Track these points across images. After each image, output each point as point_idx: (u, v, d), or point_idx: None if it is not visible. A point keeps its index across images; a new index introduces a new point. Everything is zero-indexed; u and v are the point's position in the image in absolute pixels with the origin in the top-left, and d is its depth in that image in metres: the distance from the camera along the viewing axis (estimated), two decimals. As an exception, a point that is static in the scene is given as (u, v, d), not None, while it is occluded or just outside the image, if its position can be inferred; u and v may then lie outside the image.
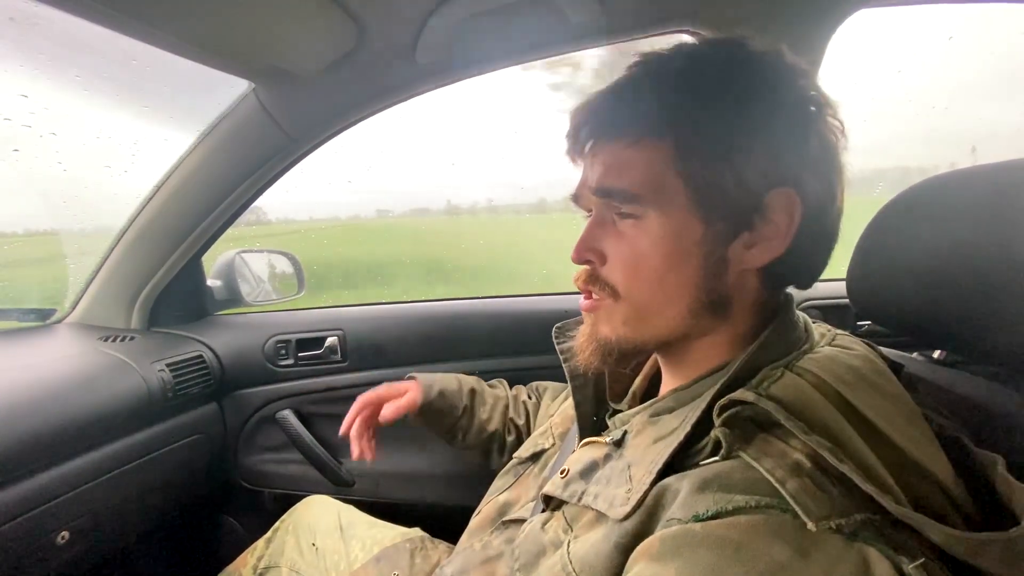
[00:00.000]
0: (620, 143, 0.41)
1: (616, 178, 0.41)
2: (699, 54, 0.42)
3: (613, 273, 0.43)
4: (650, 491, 0.36)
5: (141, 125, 1.03)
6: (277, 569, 0.81)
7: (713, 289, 0.41)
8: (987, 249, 0.42)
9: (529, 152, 17.09)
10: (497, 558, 0.52)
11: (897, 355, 0.57)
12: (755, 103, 0.39)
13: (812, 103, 0.40)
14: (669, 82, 0.40)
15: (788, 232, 0.39)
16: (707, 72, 0.40)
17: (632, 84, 0.42)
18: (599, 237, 0.44)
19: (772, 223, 0.39)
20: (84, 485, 0.76)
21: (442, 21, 0.72)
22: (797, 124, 0.39)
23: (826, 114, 0.40)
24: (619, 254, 0.43)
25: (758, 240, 0.40)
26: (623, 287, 0.43)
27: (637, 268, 0.42)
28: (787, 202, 0.39)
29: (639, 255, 0.41)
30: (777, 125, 0.39)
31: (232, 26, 0.66)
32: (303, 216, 12.77)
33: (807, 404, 0.34)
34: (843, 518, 0.30)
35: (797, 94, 0.40)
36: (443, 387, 0.78)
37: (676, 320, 0.42)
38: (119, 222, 0.97)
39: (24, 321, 1.06)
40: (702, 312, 0.42)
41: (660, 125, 0.40)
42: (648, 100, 0.41)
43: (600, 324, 0.45)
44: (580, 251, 0.44)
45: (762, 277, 0.42)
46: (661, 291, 0.42)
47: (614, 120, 0.42)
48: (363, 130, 0.92)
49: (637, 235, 0.41)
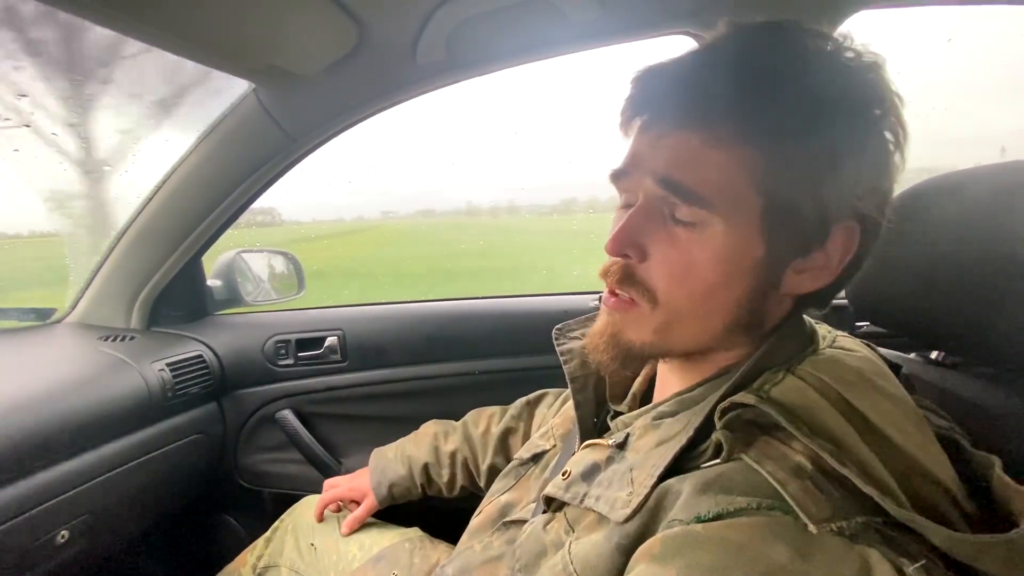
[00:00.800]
0: (695, 136, 0.37)
1: (688, 174, 0.37)
2: (790, 42, 0.37)
3: (654, 276, 0.39)
4: (651, 494, 0.36)
5: (141, 124, 1.03)
6: (276, 569, 0.81)
7: (756, 310, 0.39)
8: (986, 250, 0.42)
9: (527, 153, 17.12)
10: (498, 559, 0.52)
11: (895, 356, 0.57)
12: (860, 118, 0.36)
13: (900, 128, 0.36)
14: (763, 79, 0.36)
15: (839, 265, 0.38)
16: (805, 73, 0.35)
17: (714, 70, 0.37)
18: (647, 231, 0.39)
19: (827, 254, 0.38)
20: (84, 484, 0.75)
21: (442, 22, 0.72)
22: (882, 151, 0.36)
23: (901, 144, 0.37)
24: (667, 257, 0.38)
25: (809, 268, 0.38)
26: (664, 293, 0.39)
27: (686, 278, 0.38)
28: (849, 235, 0.37)
29: (691, 264, 0.37)
30: (868, 148, 0.36)
31: (233, 26, 0.66)
32: (305, 218, 12.83)
33: (808, 406, 0.34)
34: (844, 520, 0.30)
35: (884, 117, 0.36)
36: (392, 480, 0.82)
37: (708, 335, 0.40)
38: (119, 222, 0.97)
39: (24, 320, 1.06)
40: (737, 329, 0.40)
41: (750, 131, 0.36)
42: (735, 98, 0.36)
43: (627, 328, 0.41)
44: (620, 242, 0.39)
45: (798, 300, 0.41)
46: (703, 305, 0.39)
47: (693, 108, 0.37)
48: (364, 131, 0.92)
49: (694, 241, 0.37)
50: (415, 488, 0.82)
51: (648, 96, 0.39)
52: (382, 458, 0.85)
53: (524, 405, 0.82)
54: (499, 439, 0.80)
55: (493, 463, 0.78)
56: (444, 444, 0.83)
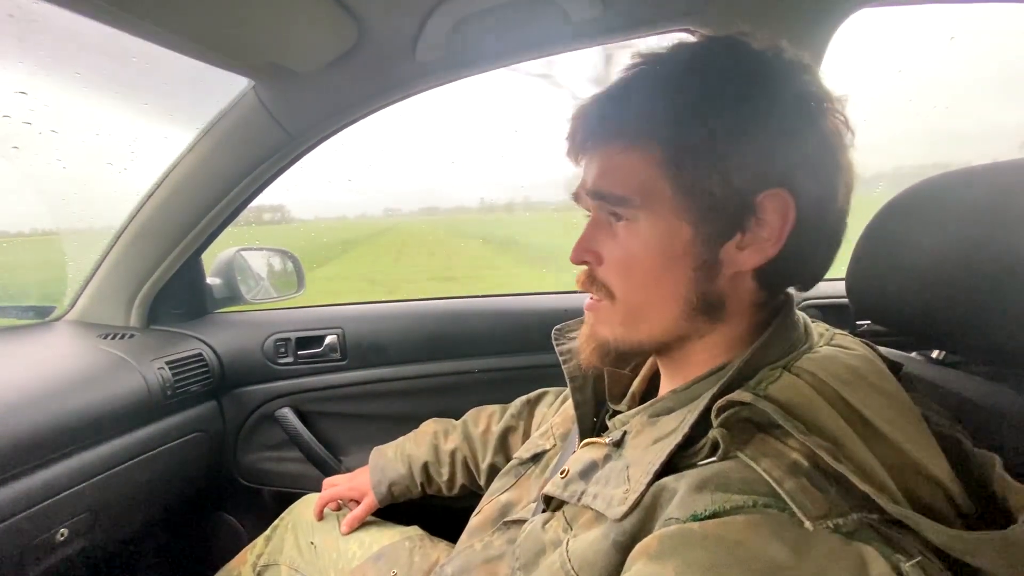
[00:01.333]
0: (612, 147, 0.42)
1: (608, 182, 0.42)
2: (694, 54, 0.42)
3: (608, 274, 0.44)
4: (647, 491, 0.36)
5: (141, 123, 1.03)
6: (276, 567, 0.82)
7: (705, 291, 0.41)
8: (987, 249, 0.42)
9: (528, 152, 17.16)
10: (498, 558, 0.52)
11: (896, 355, 0.57)
12: (746, 103, 0.38)
13: (812, 99, 0.39)
14: (660, 85, 0.40)
15: (781, 234, 0.39)
16: (699, 73, 0.40)
17: (625, 87, 0.42)
18: (596, 239, 0.44)
19: (765, 224, 0.39)
20: (83, 482, 0.76)
21: (442, 19, 0.72)
22: (792, 122, 0.38)
23: (827, 111, 0.39)
24: (613, 256, 0.43)
25: (751, 242, 0.39)
26: (618, 288, 0.43)
27: (630, 270, 0.42)
28: (780, 203, 0.38)
29: (631, 257, 0.42)
30: (769, 124, 0.38)
31: (232, 23, 0.66)
32: (308, 215, 12.85)
33: (805, 404, 0.34)
34: (840, 517, 0.30)
35: (795, 91, 0.39)
36: (392, 479, 0.82)
37: (669, 322, 0.42)
38: (118, 220, 0.97)
39: (23, 318, 1.06)
40: (695, 314, 0.42)
41: (648, 130, 0.40)
42: (638, 104, 0.41)
43: (599, 324, 0.46)
44: (578, 252, 0.45)
45: (758, 279, 0.42)
46: (654, 293, 0.42)
47: (606, 124, 0.42)
48: (366, 129, 0.92)
49: (629, 237, 0.42)
50: (415, 487, 0.82)
51: (578, 126, 0.44)
52: (382, 457, 0.85)
53: (524, 404, 0.82)
54: (499, 438, 0.80)
55: (493, 462, 0.78)
56: (444, 443, 0.83)
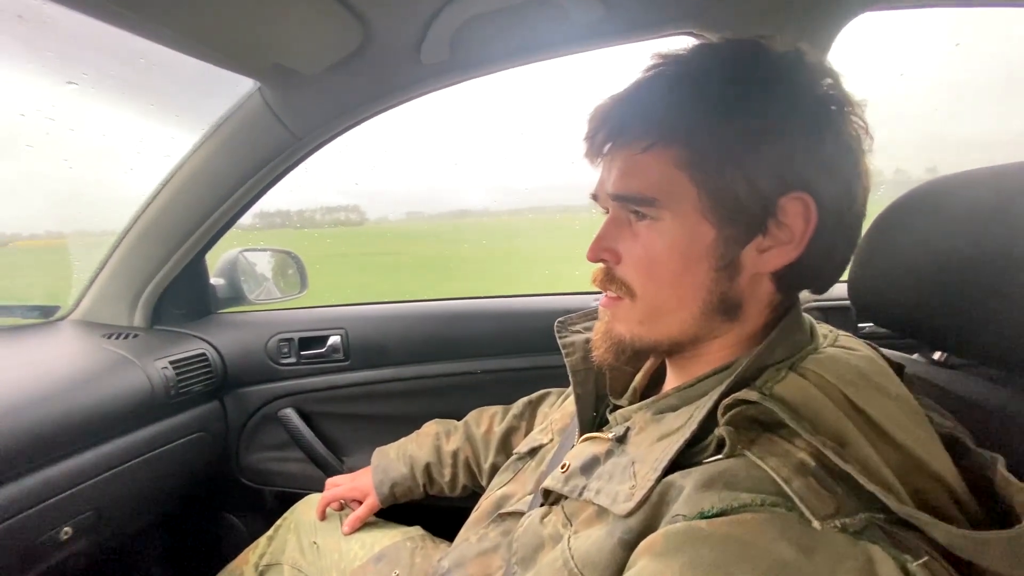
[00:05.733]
0: (634, 148, 0.41)
1: (631, 183, 0.41)
2: (714, 55, 0.42)
3: (628, 272, 0.44)
4: (655, 488, 0.36)
5: (147, 124, 1.04)
6: (278, 567, 0.82)
7: (725, 292, 0.41)
8: (989, 252, 0.42)
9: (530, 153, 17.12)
10: (493, 550, 0.52)
11: (898, 356, 0.57)
12: (768, 105, 0.38)
13: (832, 103, 0.39)
14: (682, 86, 0.40)
15: (803, 237, 0.39)
16: (720, 75, 0.40)
17: (646, 88, 0.42)
18: (615, 237, 0.44)
19: (787, 228, 0.39)
20: (87, 481, 0.76)
21: (447, 21, 0.73)
22: (813, 126, 0.38)
23: (847, 114, 0.39)
24: (634, 255, 0.43)
25: (772, 245, 0.40)
26: (639, 286, 0.43)
27: (651, 269, 0.42)
28: (802, 207, 0.38)
29: (653, 256, 0.42)
30: (792, 128, 0.38)
31: (238, 25, 0.66)
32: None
33: (811, 404, 0.34)
34: (848, 517, 0.30)
35: (815, 94, 0.39)
36: (394, 480, 0.82)
37: (688, 321, 0.42)
38: (123, 220, 0.97)
39: (27, 318, 1.06)
40: (713, 314, 0.42)
41: (671, 131, 0.40)
42: (660, 105, 0.41)
43: (616, 322, 0.46)
44: (595, 250, 0.45)
45: (776, 281, 0.42)
46: (674, 292, 0.42)
47: (628, 125, 0.42)
48: (368, 129, 0.93)
49: (651, 237, 0.42)
50: (417, 487, 0.83)
51: (597, 127, 0.43)
52: (384, 457, 0.85)
53: (526, 404, 0.82)
54: (501, 438, 0.80)
55: (495, 462, 0.78)
56: (446, 443, 0.83)
